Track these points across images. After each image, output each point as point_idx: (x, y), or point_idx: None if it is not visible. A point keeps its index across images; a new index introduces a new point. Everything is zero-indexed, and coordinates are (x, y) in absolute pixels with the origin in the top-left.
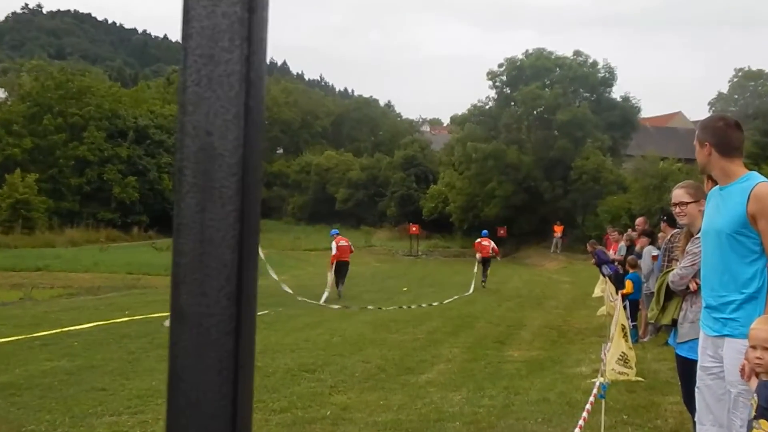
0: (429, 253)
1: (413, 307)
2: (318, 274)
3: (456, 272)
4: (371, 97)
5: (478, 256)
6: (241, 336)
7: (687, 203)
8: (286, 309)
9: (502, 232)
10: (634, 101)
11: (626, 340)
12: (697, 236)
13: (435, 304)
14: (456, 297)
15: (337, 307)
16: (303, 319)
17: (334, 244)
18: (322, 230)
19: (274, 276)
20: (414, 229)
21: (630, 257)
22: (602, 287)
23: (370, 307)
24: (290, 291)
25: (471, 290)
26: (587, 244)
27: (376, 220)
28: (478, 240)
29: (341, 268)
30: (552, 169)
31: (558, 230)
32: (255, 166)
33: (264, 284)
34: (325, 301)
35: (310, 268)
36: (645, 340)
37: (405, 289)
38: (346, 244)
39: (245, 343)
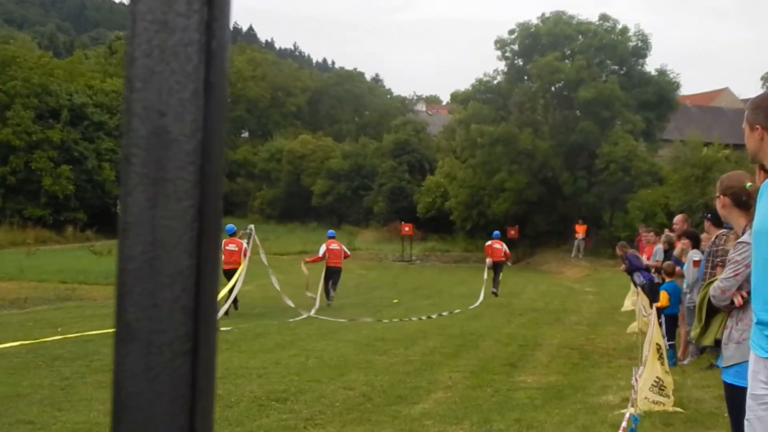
0: (425, 258)
1: (405, 321)
2: (289, 284)
3: (458, 281)
4: (355, 69)
5: (488, 260)
6: (199, 357)
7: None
8: (252, 325)
9: (512, 232)
10: (672, 75)
11: (662, 363)
12: (741, 239)
13: (434, 316)
14: (458, 310)
15: (328, 319)
16: (273, 337)
17: (323, 247)
18: (295, 230)
19: (277, 286)
20: (407, 229)
21: (666, 263)
22: (633, 299)
23: (352, 322)
24: (292, 304)
25: (480, 299)
26: (616, 247)
27: (361, 219)
28: (489, 242)
29: (331, 275)
30: (573, 157)
31: (580, 230)
32: (217, 154)
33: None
34: (313, 313)
35: (281, 276)
36: (685, 362)
37: (395, 301)
38: (338, 247)
39: (204, 367)
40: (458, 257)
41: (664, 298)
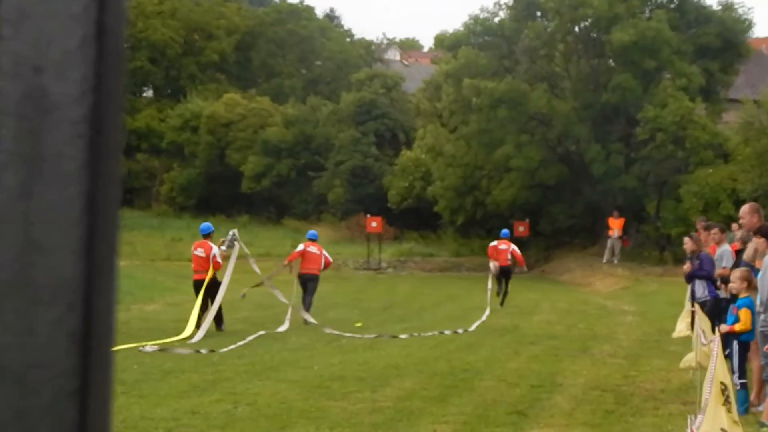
0: (399, 266)
1: (372, 352)
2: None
3: (445, 296)
4: (302, 2)
5: (493, 265)
6: (90, 400)
7: None
8: (154, 357)
9: (521, 229)
10: (741, 11)
11: (729, 410)
12: None
13: (411, 345)
14: (447, 332)
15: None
16: (188, 376)
17: (300, 247)
18: (218, 225)
19: (284, 299)
20: (374, 224)
21: (739, 270)
22: (689, 321)
23: (298, 354)
24: (313, 321)
25: (482, 319)
26: (686, 238)
27: (310, 211)
28: (494, 243)
29: (304, 284)
30: (605, 124)
31: (615, 226)
32: (113, 123)
33: (128, 316)
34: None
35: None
36: (760, 408)
37: (359, 325)
38: (317, 252)
39: (97, 414)
40: (446, 264)
41: (746, 318)
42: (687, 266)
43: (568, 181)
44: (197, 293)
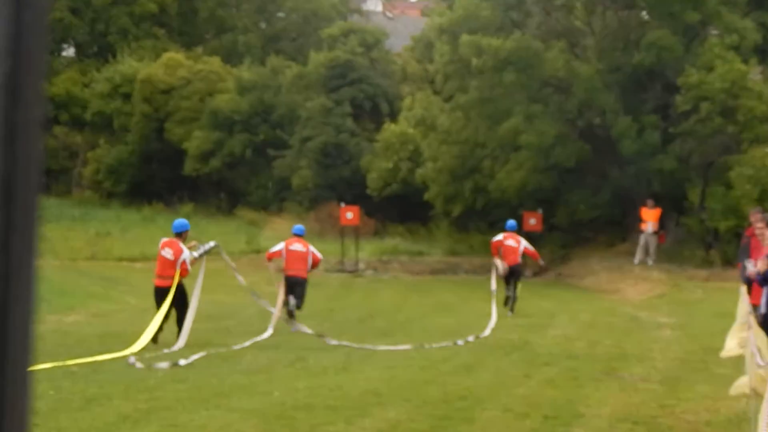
0: (381, 267)
1: (347, 374)
2: (147, 310)
3: (437, 305)
4: None
5: (499, 264)
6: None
7: None
8: (76, 380)
9: (532, 221)
10: None
11: None
12: None
13: (396, 365)
14: (438, 345)
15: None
16: (117, 404)
17: (281, 245)
18: (155, 218)
19: (272, 309)
20: (350, 215)
21: None
22: (743, 337)
23: (255, 378)
24: (307, 329)
25: (486, 332)
26: (750, 225)
27: (270, 198)
28: (498, 237)
29: (292, 288)
30: (637, 92)
31: (650, 218)
32: (32, 92)
33: (43, 329)
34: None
35: (133, 298)
36: None
37: (334, 342)
38: (303, 249)
39: None
40: (438, 265)
41: None
42: (757, 264)
43: (590, 163)
44: (159, 303)
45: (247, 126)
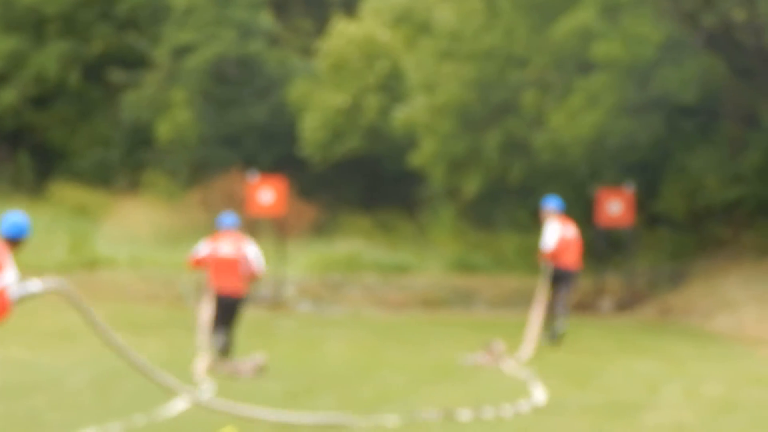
0: (329, 294)
1: None
2: None
3: (439, 370)
4: None
5: (548, 268)
6: None
7: None
8: None
9: (615, 206)
10: None
11: None
12: None
13: None
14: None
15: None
16: None
17: (204, 246)
18: None
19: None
20: (268, 196)
21: None
22: None
23: None
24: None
25: (529, 403)
26: None
27: (115, 164)
28: (555, 225)
29: (225, 311)
30: None
31: None
32: None
33: None
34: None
35: None
36: None
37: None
38: (233, 254)
39: None
40: (436, 291)
41: None
42: None
43: (728, 97)
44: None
45: (69, 26)
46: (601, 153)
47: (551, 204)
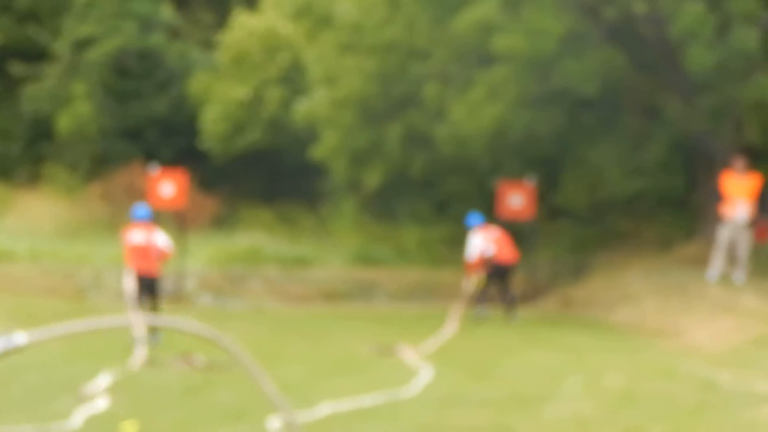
0: (230, 288)
1: None
2: None
3: (341, 363)
4: None
5: (469, 282)
6: None
7: None
8: None
9: (516, 199)
10: None
11: None
12: None
13: None
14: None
15: None
16: None
17: (127, 239)
18: None
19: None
20: (169, 189)
21: None
22: None
23: None
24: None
25: (421, 381)
26: None
27: (14, 157)
28: (477, 240)
29: (145, 287)
30: None
31: (739, 192)
32: None
33: None
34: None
35: None
36: None
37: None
38: (144, 242)
39: None
40: (338, 284)
41: None
42: None
43: (628, 89)
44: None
45: None
46: (502, 146)
47: (473, 221)
